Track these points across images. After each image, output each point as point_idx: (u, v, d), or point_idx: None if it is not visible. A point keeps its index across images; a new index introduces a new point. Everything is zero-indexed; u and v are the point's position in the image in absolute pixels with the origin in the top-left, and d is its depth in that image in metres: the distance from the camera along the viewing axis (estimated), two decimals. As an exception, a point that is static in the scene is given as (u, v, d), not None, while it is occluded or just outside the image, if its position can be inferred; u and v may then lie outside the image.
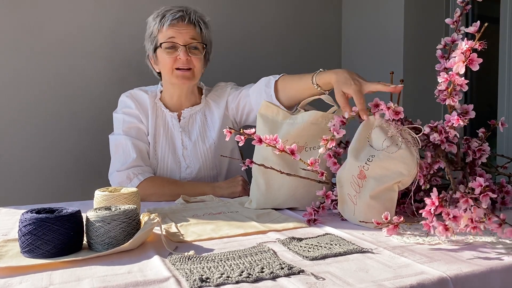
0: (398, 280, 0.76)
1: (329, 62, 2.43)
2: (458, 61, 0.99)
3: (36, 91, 1.89)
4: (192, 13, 1.54)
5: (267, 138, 1.12)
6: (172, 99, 1.62)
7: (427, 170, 1.10)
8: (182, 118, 1.62)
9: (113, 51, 1.99)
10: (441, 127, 1.08)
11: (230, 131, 1.12)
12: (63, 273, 0.82)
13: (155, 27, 1.53)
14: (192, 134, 1.62)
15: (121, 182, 1.49)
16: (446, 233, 0.92)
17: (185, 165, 1.61)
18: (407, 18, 2.08)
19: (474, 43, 0.97)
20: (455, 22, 1.19)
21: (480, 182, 0.94)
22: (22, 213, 0.91)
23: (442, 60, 1.18)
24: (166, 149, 1.60)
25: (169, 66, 1.53)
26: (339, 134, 1.13)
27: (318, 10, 2.38)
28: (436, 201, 0.93)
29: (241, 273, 0.79)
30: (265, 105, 1.33)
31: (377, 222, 1.02)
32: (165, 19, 1.51)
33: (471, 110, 1.08)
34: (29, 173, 1.91)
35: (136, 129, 1.57)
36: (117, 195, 1.13)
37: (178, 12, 1.52)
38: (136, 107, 1.58)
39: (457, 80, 1.01)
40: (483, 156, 1.18)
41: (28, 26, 1.86)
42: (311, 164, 1.13)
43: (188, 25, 1.52)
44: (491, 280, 0.82)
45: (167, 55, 1.52)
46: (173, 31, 1.50)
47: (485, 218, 0.92)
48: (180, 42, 1.51)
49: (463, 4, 1.17)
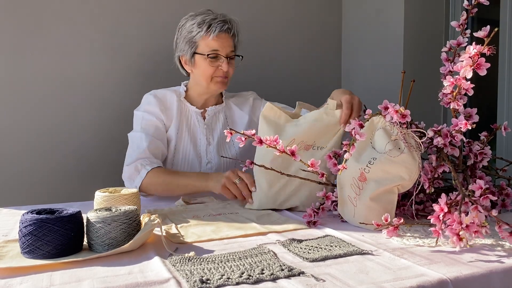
0: (398, 282, 0.76)
1: (329, 62, 2.43)
2: (466, 65, 0.98)
3: (36, 92, 1.89)
4: (234, 25, 1.60)
5: (268, 139, 1.12)
6: (201, 98, 1.68)
7: (431, 173, 1.10)
8: (207, 116, 1.70)
9: (114, 52, 1.99)
10: (446, 131, 1.08)
11: (230, 132, 1.13)
12: (63, 274, 0.82)
13: (199, 34, 1.56)
14: (215, 131, 1.70)
15: (130, 175, 1.51)
16: (459, 243, 0.91)
17: (206, 160, 1.67)
18: (407, 18, 2.08)
19: (483, 47, 0.97)
20: (460, 25, 1.18)
21: (480, 184, 0.94)
22: (23, 214, 0.91)
23: (447, 63, 1.17)
24: (189, 143, 1.65)
25: (209, 74, 1.59)
26: (362, 137, 1.09)
27: (318, 10, 2.38)
28: (445, 208, 0.93)
29: (241, 275, 0.79)
30: (268, 107, 1.34)
31: (377, 224, 1.02)
32: (212, 30, 1.55)
33: (474, 113, 1.07)
34: (30, 173, 1.90)
35: (154, 127, 1.60)
36: (118, 196, 1.13)
37: (224, 23, 1.57)
38: (159, 105, 1.62)
39: (463, 84, 1.01)
40: (484, 159, 1.18)
41: (28, 26, 1.86)
42: (311, 165, 1.13)
43: (231, 37, 1.59)
44: (491, 282, 0.82)
45: (209, 64, 1.58)
46: (218, 43, 1.56)
47: (487, 223, 0.92)
48: (223, 53, 1.58)
49: (469, 7, 1.17)
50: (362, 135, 1.08)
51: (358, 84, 2.34)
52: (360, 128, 1.11)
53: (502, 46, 1.91)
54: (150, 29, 2.01)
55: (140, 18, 2.02)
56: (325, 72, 2.42)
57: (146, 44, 2.02)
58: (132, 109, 1.69)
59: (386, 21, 2.16)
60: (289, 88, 2.33)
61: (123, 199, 1.13)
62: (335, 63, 2.45)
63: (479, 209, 0.92)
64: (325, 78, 2.41)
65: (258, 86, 2.23)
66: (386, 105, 1.09)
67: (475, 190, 0.95)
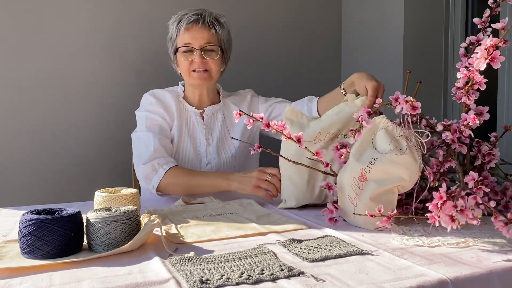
0: (398, 282, 0.76)
1: (329, 62, 2.43)
2: (481, 57, 0.98)
3: (36, 92, 1.89)
4: (206, 15, 1.59)
5: (275, 124, 1.13)
6: (195, 97, 1.68)
7: (437, 167, 1.10)
8: (205, 116, 1.69)
9: (113, 52, 1.99)
10: (456, 126, 1.08)
11: (240, 114, 1.14)
12: (63, 274, 0.82)
13: (173, 31, 1.60)
14: (214, 131, 1.69)
15: (147, 174, 1.51)
16: (452, 224, 0.92)
17: (206, 161, 1.67)
18: (407, 17, 2.08)
19: (499, 40, 0.97)
20: (483, 22, 1.18)
21: (473, 176, 0.95)
22: (22, 214, 0.91)
23: (464, 59, 1.17)
24: (188, 143, 1.65)
25: (186, 69, 1.60)
26: (369, 124, 1.11)
27: (318, 10, 2.38)
28: (444, 196, 0.93)
29: (241, 275, 0.79)
30: (290, 110, 1.36)
31: (370, 214, 1.02)
32: (181, 24, 1.57)
33: (485, 112, 1.07)
34: (29, 173, 1.90)
35: (158, 125, 1.60)
36: (117, 196, 1.13)
37: (193, 15, 1.57)
38: (159, 105, 1.63)
39: (476, 77, 1.01)
40: (492, 161, 1.17)
41: (28, 27, 1.86)
42: (316, 154, 1.15)
43: (203, 28, 1.58)
44: (491, 282, 0.82)
45: (184, 59, 1.59)
46: (188, 35, 1.57)
47: (475, 207, 0.92)
48: (196, 46, 1.57)
49: (494, 5, 1.17)
50: (369, 122, 1.09)
51: (358, 84, 2.34)
52: (368, 115, 1.12)
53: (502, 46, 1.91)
54: (150, 29, 2.01)
55: (140, 18, 2.02)
56: (325, 72, 2.42)
57: (146, 44, 2.02)
58: (132, 109, 1.69)
59: (386, 21, 2.16)
60: (289, 88, 2.33)
61: (123, 199, 1.13)
62: (335, 63, 2.45)
63: (478, 199, 0.92)
64: (325, 78, 2.41)
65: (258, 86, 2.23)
66: (397, 96, 1.08)
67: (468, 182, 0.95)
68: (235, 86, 1.84)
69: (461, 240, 0.98)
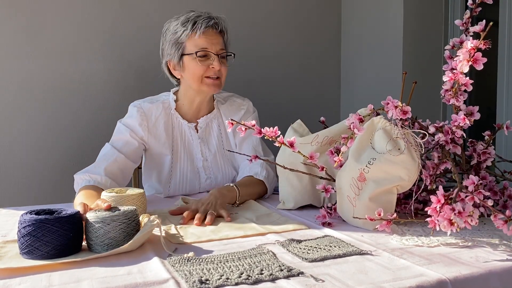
0: (397, 282, 0.76)
1: (329, 62, 2.43)
2: (463, 59, 0.99)
3: (36, 92, 1.89)
4: (221, 21, 1.52)
5: (268, 131, 1.13)
6: (192, 106, 1.58)
7: (433, 170, 1.10)
8: (199, 128, 1.60)
9: (112, 52, 1.99)
10: (448, 128, 1.08)
11: (232, 123, 1.13)
12: (62, 274, 0.82)
13: (184, 33, 1.48)
14: (210, 144, 1.61)
15: (75, 185, 1.41)
16: (451, 227, 0.92)
17: (204, 176, 1.59)
18: (406, 18, 2.09)
19: (479, 42, 0.97)
20: (464, 24, 1.19)
21: (473, 180, 0.95)
22: (22, 214, 0.91)
23: (450, 61, 1.17)
24: (185, 160, 1.58)
25: (200, 74, 1.49)
26: (360, 131, 1.10)
27: (318, 10, 2.38)
28: (442, 199, 0.93)
29: (240, 275, 0.79)
30: (298, 123, 1.38)
31: (370, 218, 1.02)
32: (197, 27, 1.47)
33: (476, 111, 1.08)
34: (29, 174, 1.90)
35: (124, 142, 1.51)
36: (124, 197, 1.14)
37: (209, 19, 1.49)
38: (139, 120, 1.53)
39: (461, 79, 1.02)
40: (488, 159, 1.18)
41: (28, 27, 1.86)
42: (310, 158, 1.14)
43: (219, 34, 1.51)
44: (490, 282, 0.82)
45: (199, 63, 1.48)
46: (206, 40, 1.48)
47: (473, 212, 0.93)
48: (213, 51, 1.49)
49: (473, 5, 1.17)
50: (361, 129, 1.09)
51: (357, 84, 2.34)
52: (360, 122, 1.12)
53: (501, 45, 1.91)
54: (150, 30, 2.01)
55: (140, 18, 2.02)
56: (325, 72, 2.42)
57: (146, 45, 2.02)
58: (132, 109, 1.68)
59: (386, 21, 2.16)
60: (289, 88, 2.33)
61: (129, 200, 1.14)
62: (335, 63, 2.45)
63: (476, 200, 0.93)
64: (324, 78, 2.42)
65: (258, 86, 2.24)
66: (388, 101, 1.09)
67: (468, 185, 0.95)
68: (234, 87, 1.84)
69: (460, 240, 0.98)
